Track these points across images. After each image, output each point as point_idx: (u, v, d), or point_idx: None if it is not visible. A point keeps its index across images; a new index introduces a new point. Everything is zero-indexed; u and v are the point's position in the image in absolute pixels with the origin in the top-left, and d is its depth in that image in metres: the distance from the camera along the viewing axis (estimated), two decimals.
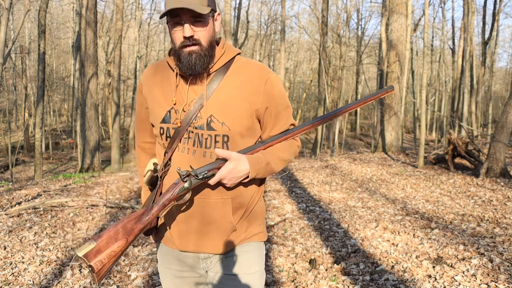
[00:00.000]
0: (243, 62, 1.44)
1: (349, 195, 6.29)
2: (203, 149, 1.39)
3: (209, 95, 1.38)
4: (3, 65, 8.82)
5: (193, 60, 1.32)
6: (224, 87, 1.39)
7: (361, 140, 27.86)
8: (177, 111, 1.40)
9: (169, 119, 1.41)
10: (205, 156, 1.39)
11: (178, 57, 1.34)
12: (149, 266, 3.49)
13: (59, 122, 30.49)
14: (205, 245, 1.44)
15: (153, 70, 1.50)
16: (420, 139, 9.20)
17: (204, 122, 1.37)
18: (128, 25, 25.85)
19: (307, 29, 31.29)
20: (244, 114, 1.39)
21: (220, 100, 1.38)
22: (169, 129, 1.41)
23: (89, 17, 11.86)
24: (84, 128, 12.30)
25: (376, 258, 3.66)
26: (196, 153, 1.39)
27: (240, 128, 1.39)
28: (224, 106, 1.38)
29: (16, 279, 3.19)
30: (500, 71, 38.65)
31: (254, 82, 1.41)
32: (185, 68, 1.34)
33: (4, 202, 5.63)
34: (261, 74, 1.42)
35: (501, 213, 5.00)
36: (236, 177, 1.35)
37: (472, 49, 18.05)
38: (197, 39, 1.32)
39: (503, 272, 3.22)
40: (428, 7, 9.86)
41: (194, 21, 1.30)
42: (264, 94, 1.41)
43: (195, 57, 1.32)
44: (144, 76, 1.51)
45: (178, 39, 1.32)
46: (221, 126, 1.37)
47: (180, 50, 1.33)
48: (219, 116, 1.37)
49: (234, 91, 1.39)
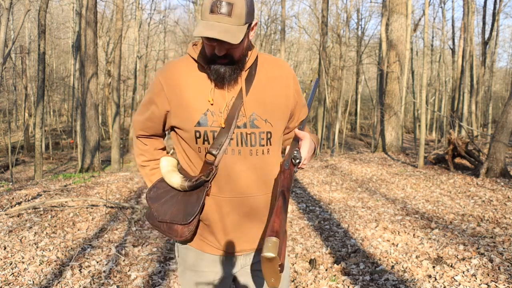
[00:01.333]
0: (265, 58, 1.46)
1: (349, 195, 6.29)
2: (249, 148, 1.37)
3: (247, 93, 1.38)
4: (3, 65, 8.81)
5: (222, 72, 1.31)
6: (258, 84, 1.40)
7: (361, 140, 27.86)
8: (214, 112, 1.35)
9: (205, 122, 1.34)
10: (252, 154, 1.37)
11: (208, 64, 1.33)
12: (149, 266, 3.49)
13: (59, 122, 30.49)
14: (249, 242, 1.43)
15: (177, 69, 1.40)
16: (420, 139, 9.20)
17: (246, 120, 1.36)
18: (128, 25, 25.86)
19: (307, 29, 31.29)
20: (283, 110, 1.43)
21: (259, 97, 1.39)
22: (206, 132, 1.35)
23: (89, 17, 11.85)
24: (84, 128, 12.29)
25: (376, 258, 3.66)
26: (242, 152, 1.37)
27: (281, 124, 1.43)
28: (264, 103, 1.39)
29: (16, 279, 3.19)
30: (500, 71, 38.65)
31: (284, 78, 1.45)
32: (214, 77, 1.33)
33: (4, 202, 5.63)
34: (288, 70, 1.47)
35: (501, 213, 5.00)
36: (311, 156, 1.42)
37: (472, 49, 18.05)
38: (229, 55, 1.30)
39: (503, 272, 3.22)
40: (428, 7, 9.85)
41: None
42: (293, 89, 1.47)
43: (225, 70, 1.31)
44: (166, 76, 1.39)
45: (209, 51, 1.30)
46: (264, 123, 1.38)
47: (211, 60, 1.32)
48: (261, 113, 1.38)
49: (268, 87, 1.42)
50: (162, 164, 1.47)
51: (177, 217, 1.38)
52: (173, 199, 1.43)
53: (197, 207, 1.36)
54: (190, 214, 1.36)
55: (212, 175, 1.36)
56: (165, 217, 1.40)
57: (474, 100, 18.10)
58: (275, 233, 1.16)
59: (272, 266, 1.12)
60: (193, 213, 1.36)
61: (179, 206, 1.39)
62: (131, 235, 4.28)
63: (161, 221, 1.41)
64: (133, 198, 6.11)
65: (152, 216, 1.43)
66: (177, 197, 1.42)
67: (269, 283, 1.15)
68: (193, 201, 1.38)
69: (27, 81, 24.21)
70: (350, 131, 32.00)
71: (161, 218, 1.40)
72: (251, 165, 1.38)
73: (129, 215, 5.01)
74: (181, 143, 1.43)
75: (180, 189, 1.41)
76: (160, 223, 1.41)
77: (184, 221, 1.36)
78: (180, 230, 1.38)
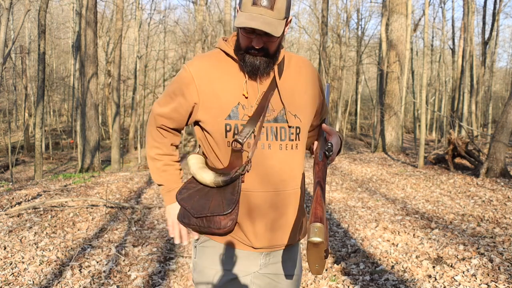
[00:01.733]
0: (290, 55, 1.48)
1: (349, 195, 6.29)
2: (279, 142, 1.37)
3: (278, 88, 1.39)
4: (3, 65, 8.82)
5: (257, 64, 1.32)
6: (287, 80, 1.42)
7: (361, 140, 27.86)
8: (245, 106, 1.35)
9: (236, 116, 1.34)
10: (281, 149, 1.38)
11: (242, 57, 1.34)
12: (149, 266, 3.49)
13: (59, 122, 30.49)
14: (278, 238, 1.42)
15: (208, 62, 1.39)
16: (420, 139, 9.20)
17: (277, 115, 1.37)
18: (128, 25, 25.86)
19: (307, 29, 31.29)
20: (311, 107, 1.47)
21: (289, 92, 1.40)
22: (237, 126, 1.34)
23: (89, 17, 11.85)
24: (84, 128, 12.29)
25: (376, 258, 3.66)
26: (272, 147, 1.36)
27: (309, 119, 1.46)
28: (294, 99, 1.41)
29: (16, 279, 3.19)
30: (500, 71, 38.65)
31: (310, 75, 1.48)
32: (248, 70, 1.34)
33: (4, 202, 5.63)
34: (313, 68, 1.51)
35: (501, 213, 5.00)
36: (336, 151, 1.44)
37: (472, 49, 18.05)
38: (266, 49, 1.31)
39: (503, 272, 3.22)
40: (428, 7, 9.85)
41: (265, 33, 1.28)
42: (318, 87, 1.51)
43: (260, 62, 1.32)
44: (196, 68, 1.38)
45: (245, 43, 1.31)
46: (294, 118, 1.40)
47: (245, 53, 1.33)
48: (291, 108, 1.40)
49: (297, 84, 1.44)
50: (192, 162, 1.44)
51: (218, 208, 1.34)
52: (208, 195, 1.39)
53: (236, 195, 1.33)
54: (231, 202, 1.33)
55: (248, 169, 1.34)
56: (203, 211, 1.36)
57: (474, 100, 18.10)
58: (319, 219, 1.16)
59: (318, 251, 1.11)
60: (234, 201, 1.33)
61: (217, 199, 1.37)
62: (131, 235, 4.28)
63: (199, 217, 1.36)
64: (133, 198, 6.11)
65: (187, 215, 1.39)
66: (212, 193, 1.39)
67: (313, 269, 1.15)
68: (229, 192, 1.35)
69: (27, 81, 24.21)
70: (350, 131, 32.00)
71: (199, 214, 1.36)
72: (281, 160, 1.37)
73: (129, 215, 5.01)
74: (207, 137, 1.40)
75: (213, 185, 1.38)
76: (198, 218, 1.37)
77: (226, 210, 1.33)
78: (223, 221, 1.34)
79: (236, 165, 1.35)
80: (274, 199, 1.38)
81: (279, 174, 1.37)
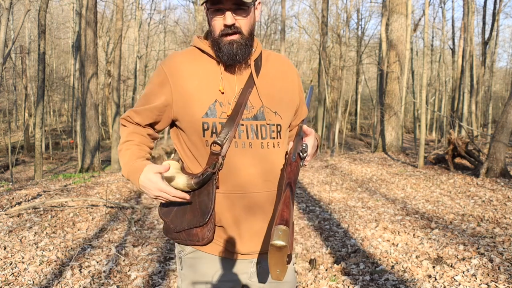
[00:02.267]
0: (268, 53, 1.45)
1: (349, 195, 6.29)
2: (260, 140, 1.32)
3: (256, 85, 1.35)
4: (3, 65, 8.82)
5: (234, 49, 1.27)
6: (265, 77, 1.38)
7: (361, 140, 27.86)
8: (222, 103, 1.30)
9: (214, 113, 1.29)
10: (263, 147, 1.33)
11: (217, 45, 1.29)
12: (149, 266, 3.49)
13: (59, 122, 30.49)
14: (265, 242, 1.36)
15: (183, 59, 1.35)
16: (420, 139, 9.20)
17: (256, 112, 1.33)
18: (128, 25, 25.86)
19: (307, 29, 31.30)
20: (290, 104, 1.43)
21: (267, 89, 1.36)
22: (215, 124, 1.29)
23: (89, 17, 11.85)
24: (84, 128, 12.29)
25: (376, 258, 3.66)
26: (253, 145, 1.31)
27: (289, 118, 1.42)
28: (273, 96, 1.37)
29: (16, 279, 3.19)
30: (500, 71, 38.65)
31: (289, 73, 1.45)
32: (226, 58, 1.29)
33: (4, 202, 5.63)
34: (292, 66, 1.48)
35: (501, 213, 5.00)
36: (313, 154, 1.40)
37: (472, 49, 18.05)
38: (238, 27, 1.27)
39: (503, 272, 3.22)
40: (428, 7, 9.85)
41: (236, 9, 1.25)
42: (297, 86, 1.48)
43: (236, 47, 1.27)
44: (171, 66, 1.34)
45: (218, 27, 1.27)
46: (274, 116, 1.36)
47: (220, 38, 1.28)
48: (271, 105, 1.36)
49: (276, 81, 1.40)
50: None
51: (194, 220, 1.30)
52: (184, 205, 1.34)
53: (210, 203, 1.29)
54: (205, 212, 1.29)
55: (218, 166, 1.28)
56: (182, 225, 1.32)
57: (474, 100, 18.10)
58: (285, 221, 1.10)
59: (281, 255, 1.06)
60: (208, 210, 1.28)
61: (193, 209, 1.31)
62: (131, 235, 4.28)
63: (179, 231, 1.32)
64: (133, 198, 6.11)
65: (169, 230, 1.36)
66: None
67: (273, 274, 1.10)
68: (204, 198, 1.30)
69: (27, 81, 24.21)
70: (350, 131, 31.99)
71: (179, 228, 1.32)
72: (262, 158, 1.32)
73: (129, 215, 5.01)
74: (184, 139, 1.36)
75: (188, 189, 1.31)
76: (179, 233, 1.33)
77: (202, 221, 1.28)
78: (200, 232, 1.30)
79: None
80: (259, 201, 1.33)
81: (263, 174, 1.33)
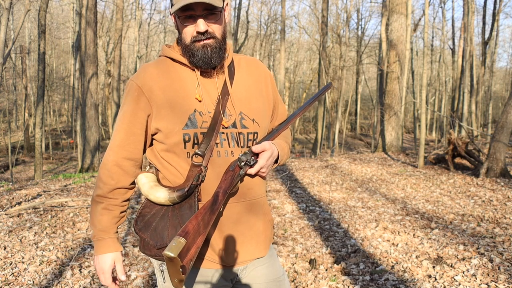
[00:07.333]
0: (240, 57, 1.42)
1: (349, 195, 6.29)
2: (239, 149, 1.30)
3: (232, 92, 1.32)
4: (3, 65, 8.81)
5: (209, 53, 1.24)
6: (240, 83, 1.35)
7: (361, 140, 27.87)
8: (202, 112, 1.26)
9: (195, 124, 1.25)
10: None
11: (190, 52, 1.25)
12: (149, 266, 3.50)
13: (59, 122, 30.49)
14: (250, 252, 1.34)
15: (155, 71, 1.29)
16: (420, 139, 9.20)
17: (234, 120, 1.30)
18: (128, 25, 25.87)
19: (307, 29, 31.29)
20: (266, 109, 1.40)
21: (243, 96, 1.34)
22: (196, 135, 1.25)
23: (89, 17, 11.85)
24: (84, 128, 12.29)
25: (376, 258, 3.66)
26: (235, 154, 1.29)
27: (266, 123, 1.39)
28: (250, 102, 1.35)
29: (16, 279, 3.19)
30: (500, 71, 38.66)
31: (262, 77, 1.42)
32: (201, 62, 1.25)
33: (4, 202, 5.63)
34: (263, 69, 1.44)
35: (501, 213, 5.00)
36: (271, 165, 1.33)
37: (472, 49, 18.05)
38: (212, 33, 1.24)
39: (503, 272, 3.22)
40: (428, 7, 9.85)
41: (207, 14, 1.22)
42: (271, 88, 1.45)
43: (211, 50, 1.24)
44: (144, 79, 1.27)
45: (189, 34, 1.24)
46: (252, 123, 1.33)
47: (192, 44, 1.24)
48: (249, 112, 1.33)
49: (251, 86, 1.37)
50: (142, 182, 1.29)
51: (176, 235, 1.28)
52: (164, 219, 1.26)
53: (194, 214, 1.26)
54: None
55: (201, 178, 1.24)
56: (163, 241, 1.24)
57: (474, 100, 18.11)
58: (185, 233, 1.10)
59: (173, 265, 1.07)
60: None
61: (174, 224, 1.24)
62: (131, 235, 4.28)
63: (161, 247, 1.24)
64: (133, 198, 6.11)
65: (149, 246, 1.26)
66: (168, 215, 1.27)
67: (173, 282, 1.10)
68: (186, 211, 1.25)
69: (27, 81, 24.21)
70: (350, 131, 32.01)
71: (160, 244, 1.24)
72: None
73: (129, 215, 5.02)
74: (162, 154, 1.30)
75: (169, 202, 1.25)
76: (160, 249, 1.25)
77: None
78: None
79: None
80: (241, 210, 1.31)
81: (245, 183, 1.30)
